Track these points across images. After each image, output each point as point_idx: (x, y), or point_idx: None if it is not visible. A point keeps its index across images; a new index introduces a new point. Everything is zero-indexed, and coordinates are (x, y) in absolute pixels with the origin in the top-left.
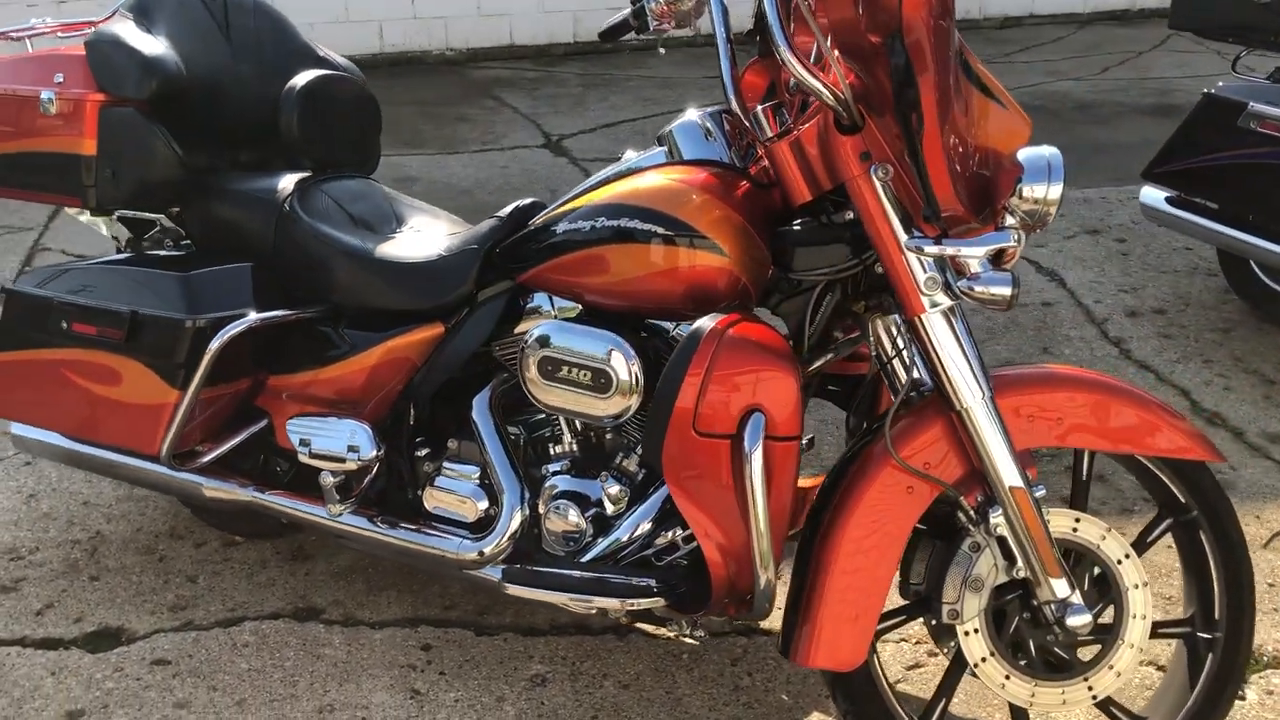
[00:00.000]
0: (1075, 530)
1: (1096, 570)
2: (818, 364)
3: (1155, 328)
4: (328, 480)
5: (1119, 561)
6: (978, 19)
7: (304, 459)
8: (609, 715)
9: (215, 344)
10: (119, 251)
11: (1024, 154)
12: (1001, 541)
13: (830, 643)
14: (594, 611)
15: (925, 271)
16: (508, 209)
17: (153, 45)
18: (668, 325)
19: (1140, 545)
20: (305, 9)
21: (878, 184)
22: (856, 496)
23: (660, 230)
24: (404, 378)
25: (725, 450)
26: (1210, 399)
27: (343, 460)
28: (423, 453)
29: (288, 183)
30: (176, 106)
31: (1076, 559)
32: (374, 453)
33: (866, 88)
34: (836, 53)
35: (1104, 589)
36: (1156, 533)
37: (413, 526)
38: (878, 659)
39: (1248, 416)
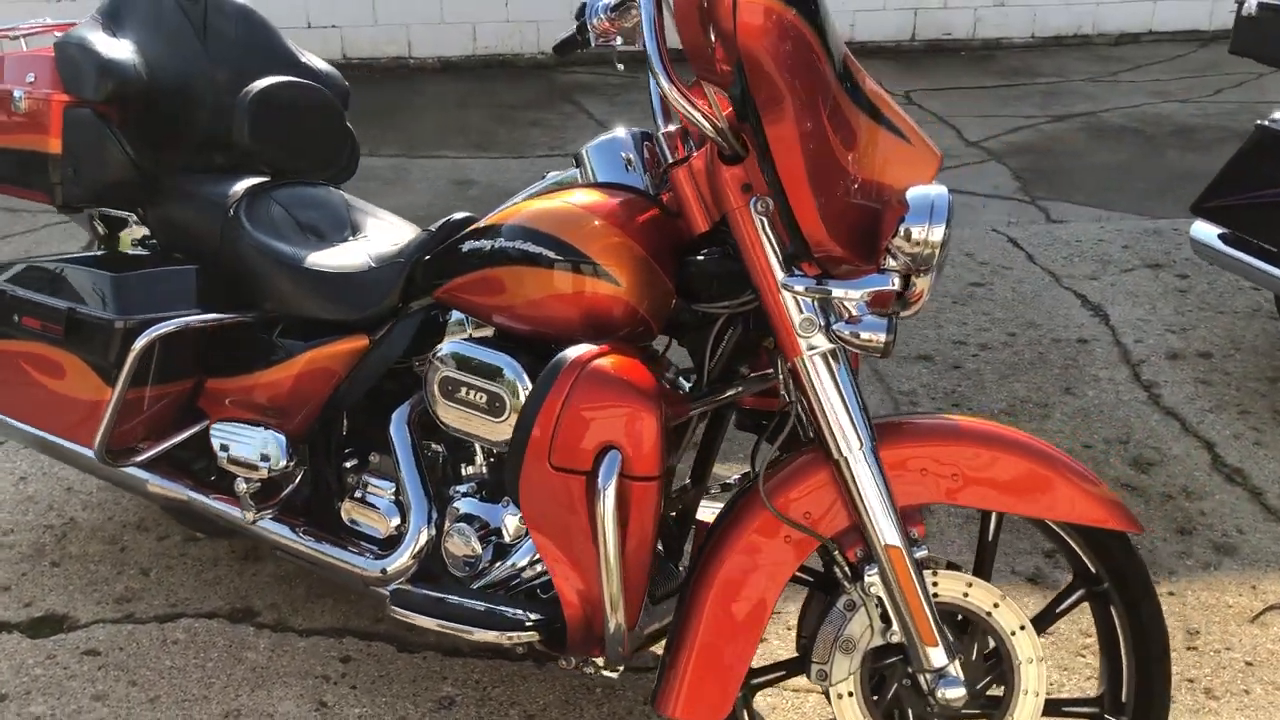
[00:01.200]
0: (966, 596)
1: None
2: (724, 397)
3: (1195, 372)
4: (241, 487)
5: (1012, 633)
6: (1090, 34)
7: (222, 464)
8: None
9: (140, 343)
10: (96, 249)
11: (911, 192)
12: (879, 602)
13: (693, 694)
14: (475, 639)
15: (802, 312)
16: (439, 223)
17: (114, 48)
18: None
19: (1048, 616)
20: (401, 11)
21: (757, 217)
22: (730, 543)
23: (552, 255)
24: (328, 389)
25: (580, 486)
26: (1235, 454)
27: (255, 468)
28: (348, 465)
29: (240, 188)
30: (137, 109)
31: (971, 627)
32: (285, 462)
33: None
34: (711, 83)
35: (1000, 661)
36: (1066, 603)
37: (328, 538)
38: (748, 713)
39: (1273, 476)
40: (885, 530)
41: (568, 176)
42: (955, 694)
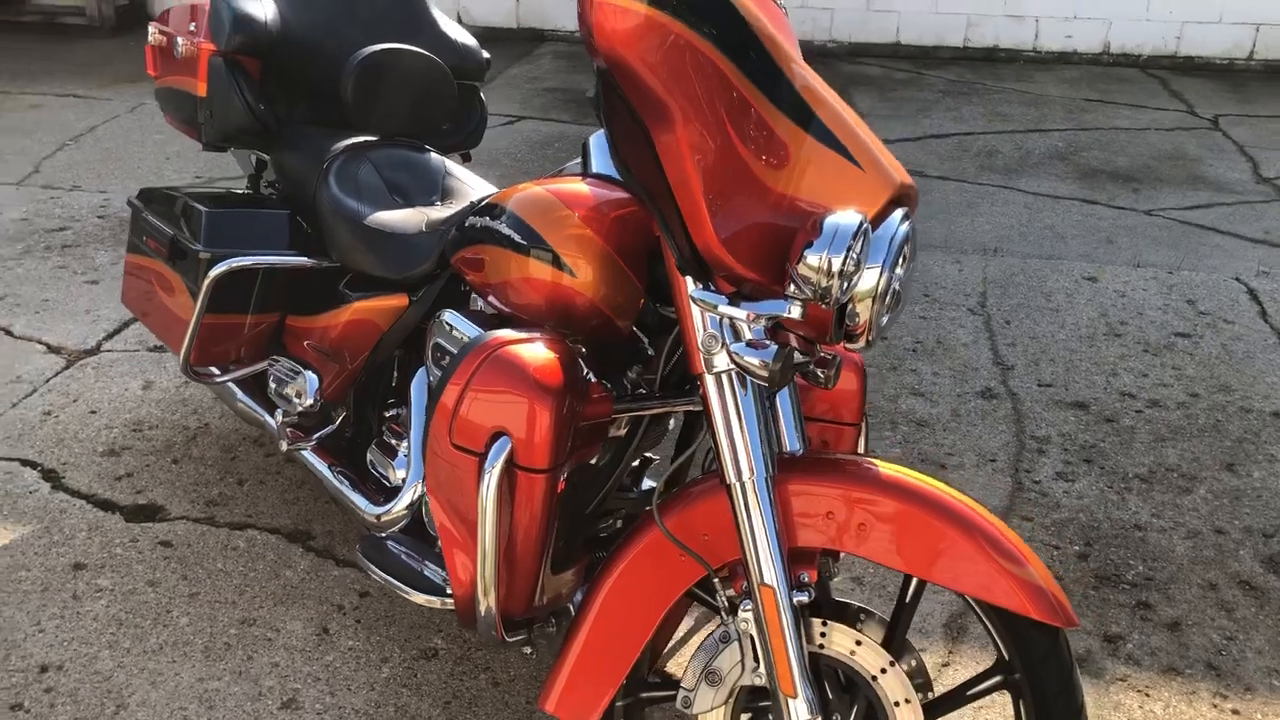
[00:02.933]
0: (852, 654)
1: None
2: (645, 406)
3: None
4: (279, 418)
5: (896, 704)
6: None
7: (270, 395)
8: (461, 706)
9: (213, 273)
10: (246, 185)
11: (828, 218)
12: (752, 641)
13: (567, 694)
14: (409, 598)
15: (707, 329)
16: (482, 195)
17: (253, 4)
18: None
19: (956, 698)
20: None
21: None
22: (624, 554)
23: (519, 239)
24: (371, 340)
25: (472, 467)
26: None
27: (290, 403)
28: (386, 414)
29: (342, 145)
30: (269, 62)
31: (854, 689)
32: (312, 402)
33: None
34: None
35: None
36: (980, 687)
37: (349, 478)
38: None
39: None
40: (764, 567)
41: (569, 165)
42: None
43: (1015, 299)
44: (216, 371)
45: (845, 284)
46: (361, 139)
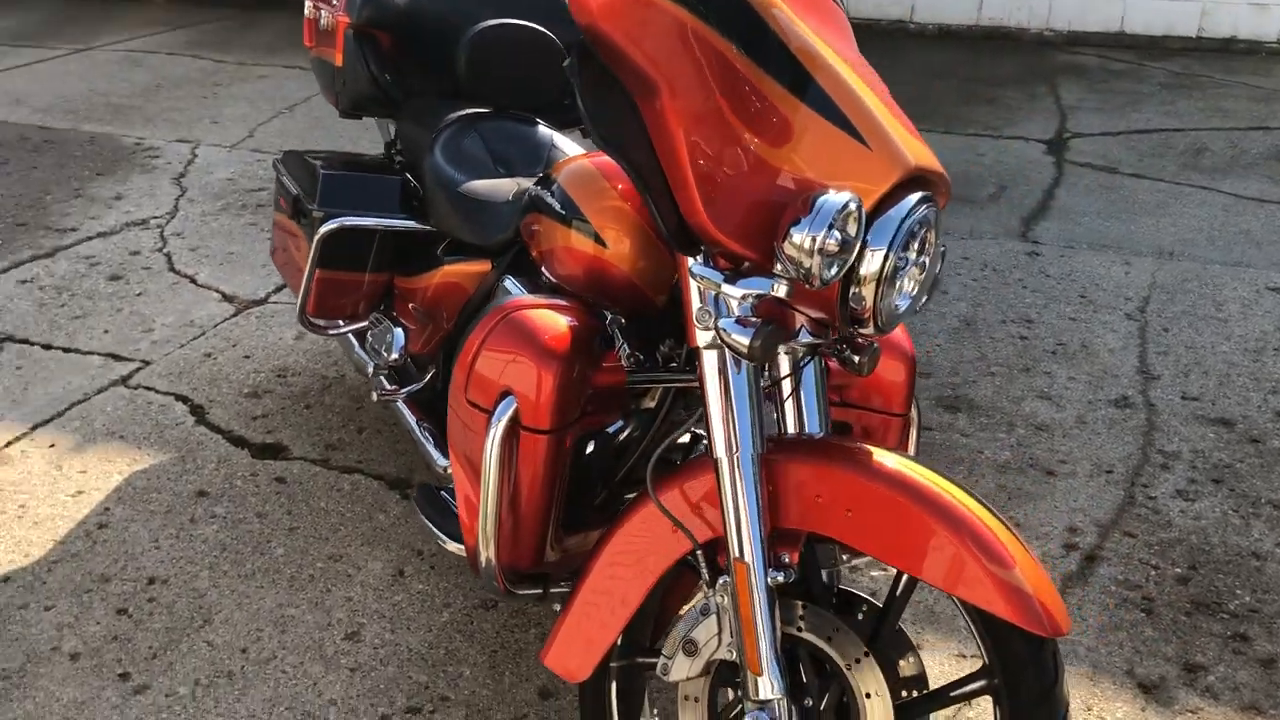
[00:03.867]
0: (829, 640)
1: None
2: (652, 378)
3: None
4: (370, 370)
5: (867, 695)
6: None
7: (366, 350)
8: (506, 656)
9: (322, 230)
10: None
11: (822, 195)
12: (728, 615)
13: (562, 650)
14: (446, 547)
15: (699, 303)
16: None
17: None
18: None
19: (939, 697)
20: None
21: None
22: (621, 522)
23: (560, 209)
24: (459, 302)
25: (482, 424)
26: None
27: (380, 357)
28: None
29: (455, 115)
30: (395, 34)
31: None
32: (396, 357)
33: None
34: None
35: None
36: (962, 690)
37: (430, 431)
38: (612, 686)
39: None
40: (742, 544)
41: None
42: None
43: (1180, 306)
44: (326, 324)
45: (832, 264)
46: (475, 110)
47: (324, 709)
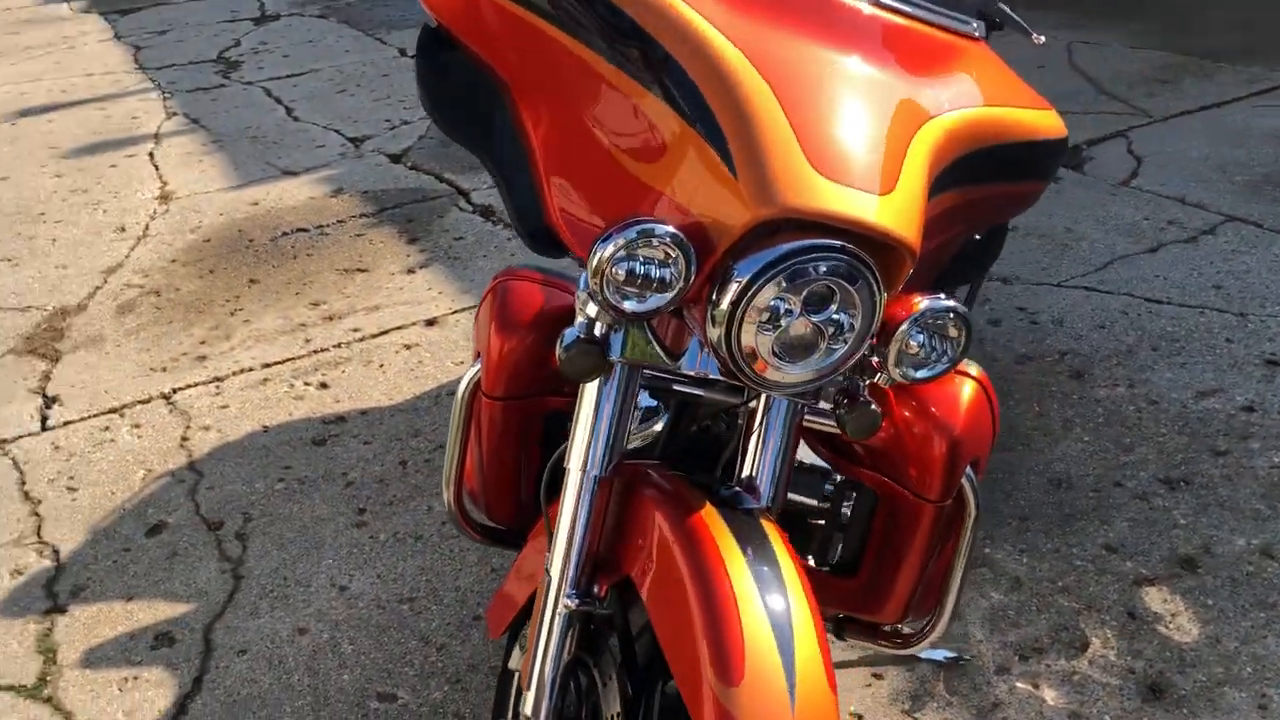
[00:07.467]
0: (605, 686)
1: None
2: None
3: None
4: None
5: (611, 717)
6: None
7: None
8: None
9: None
10: None
11: (641, 222)
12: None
13: (493, 605)
14: None
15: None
16: None
17: None
18: None
19: None
20: None
21: None
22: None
23: None
24: None
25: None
26: None
27: None
28: None
29: None
30: None
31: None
32: None
33: None
34: None
35: None
36: None
37: None
38: (515, 649)
39: None
40: (552, 556)
41: None
42: None
43: None
44: None
45: (616, 291)
46: None
47: None
